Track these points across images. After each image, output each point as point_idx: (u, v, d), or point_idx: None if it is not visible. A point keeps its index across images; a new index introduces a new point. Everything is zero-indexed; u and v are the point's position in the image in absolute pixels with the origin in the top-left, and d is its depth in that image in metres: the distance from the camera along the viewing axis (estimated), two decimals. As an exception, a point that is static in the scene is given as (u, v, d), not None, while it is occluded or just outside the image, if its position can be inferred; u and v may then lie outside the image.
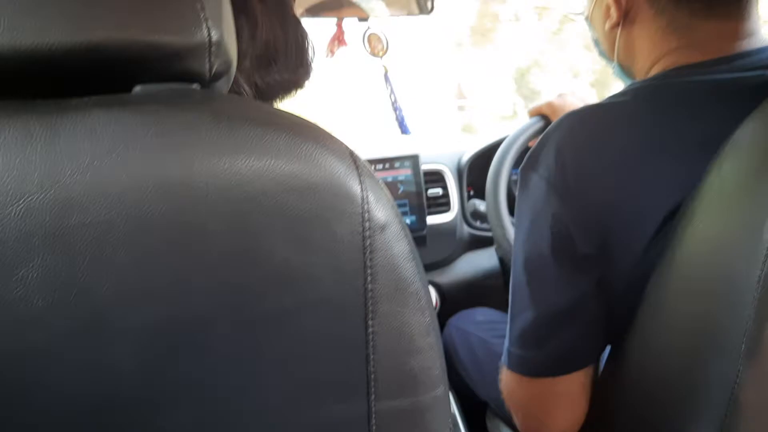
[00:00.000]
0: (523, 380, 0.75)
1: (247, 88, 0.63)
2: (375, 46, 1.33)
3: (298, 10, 1.20)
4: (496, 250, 1.55)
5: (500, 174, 1.24)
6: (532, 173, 0.72)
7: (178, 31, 0.40)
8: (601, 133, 0.69)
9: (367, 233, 0.42)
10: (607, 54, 0.83)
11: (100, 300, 0.37)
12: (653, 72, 0.76)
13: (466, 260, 1.58)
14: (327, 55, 1.30)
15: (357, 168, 0.42)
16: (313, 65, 0.76)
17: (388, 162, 1.50)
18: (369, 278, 0.42)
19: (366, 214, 0.42)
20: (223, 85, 0.47)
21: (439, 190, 1.54)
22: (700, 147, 0.62)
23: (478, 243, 1.57)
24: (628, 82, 0.82)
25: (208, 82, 0.44)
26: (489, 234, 1.51)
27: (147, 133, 0.38)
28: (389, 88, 1.37)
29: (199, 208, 0.38)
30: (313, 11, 1.24)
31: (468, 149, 1.60)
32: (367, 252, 0.42)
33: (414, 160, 1.51)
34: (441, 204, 1.54)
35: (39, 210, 0.36)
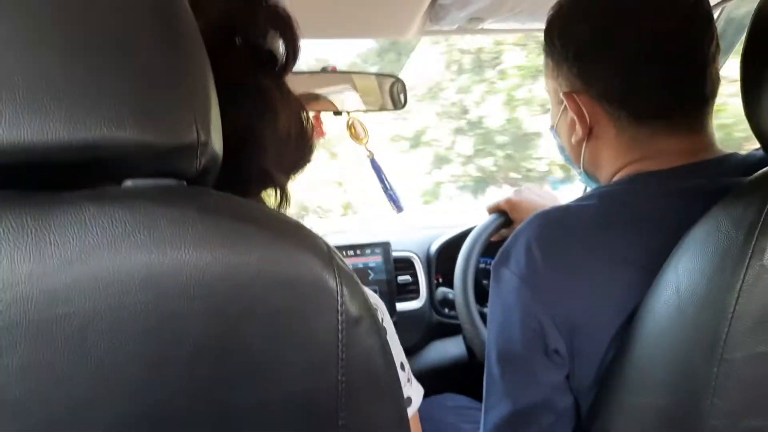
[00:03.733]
0: None
1: (274, 174, 0.65)
2: (358, 134, 1.39)
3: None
4: (464, 338, 1.57)
5: (468, 268, 1.28)
6: (504, 269, 0.75)
7: (170, 132, 0.42)
8: (566, 235, 0.73)
9: (342, 326, 0.43)
10: (573, 161, 0.88)
11: (78, 391, 0.38)
12: (617, 177, 0.80)
13: (434, 347, 1.59)
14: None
15: (334, 263, 0.44)
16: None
17: (359, 248, 1.53)
18: (342, 372, 0.43)
19: (341, 308, 0.43)
20: (209, 181, 0.49)
21: (408, 277, 1.57)
22: (660, 253, 0.65)
23: (446, 330, 1.58)
24: (593, 185, 0.87)
25: (195, 178, 0.46)
26: (457, 321, 1.53)
27: (135, 227, 0.40)
28: (377, 170, 1.42)
29: (181, 299, 0.39)
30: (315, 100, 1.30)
31: (437, 238, 1.64)
32: (341, 346, 0.43)
33: (385, 247, 1.54)
34: (410, 291, 1.56)
35: (26, 300, 0.37)
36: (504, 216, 1.29)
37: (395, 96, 1.45)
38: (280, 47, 0.66)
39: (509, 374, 0.74)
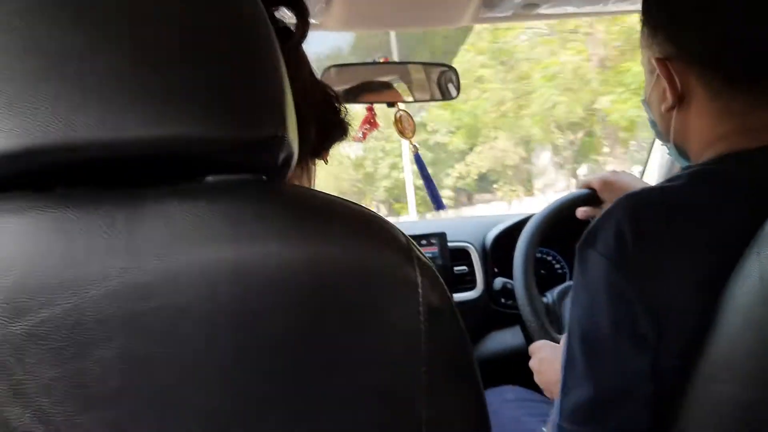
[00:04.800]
0: None
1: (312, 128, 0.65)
2: (405, 127, 1.39)
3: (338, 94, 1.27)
4: (522, 327, 1.55)
5: (529, 248, 1.26)
6: (591, 250, 0.73)
7: (250, 127, 0.43)
8: (657, 216, 0.71)
9: (423, 318, 0.43)
10: (663, 135, 0.86)
11: (170, 380, 0.39)
12: (707, 155, 0.77)
13: (492, 338, 1.58)
14: (359, 138, 1.36)
15: (414, 255, 0.44)
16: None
17: (415, 239, 1.53)
18: (424, 363, 0.43)
19: (422, 300, 0.43)
20: (285, 174, 0.50)
21: (464, 268, 1.56)
22: (745, 238, 0.63)
23: (504, 321, 1.57)
24: (684, 163, 0.85)
25: (274, 172, 0.47)
26: (515, 311, 1.52)
27: (221, 222, 0.41)
28: (421, 166, 1.42)
29: (266, 293, 0.40)
30: (349, 97, 1.30)
31: (492, 227, 1.62)
32: (423, 338, 0.43)
33: (441, 237, 1.54)
34: (466, 281, 1.56)
35: (119, 293, 0.38)
36: (591, 192, 1.26)
37: (447, 86, 1.44)
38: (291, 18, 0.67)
39: (593, 358, 0.73)
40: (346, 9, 1.13)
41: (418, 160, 1.42)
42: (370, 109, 1.37)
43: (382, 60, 1.37)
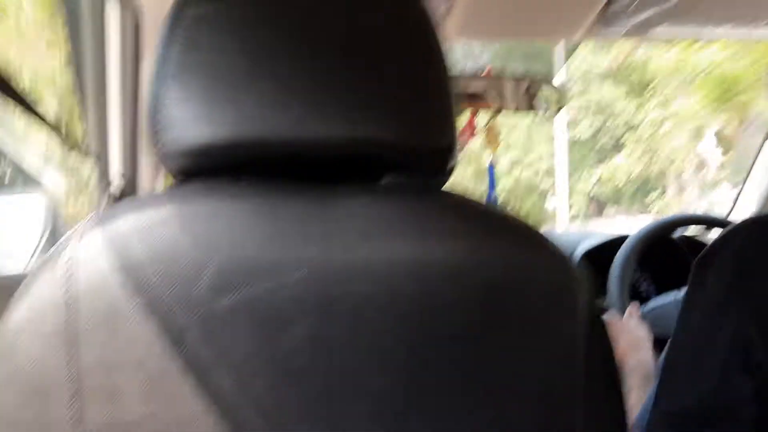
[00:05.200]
0: None
1: None
2: (492, 138, 1.40)
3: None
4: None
5: (627, 267, 1.25)
6: (710, 272, 0.73)
7: (429, 136, 0.47)
8: None
9: (583, 325, 0.46)
10: None
11: (351, 363, 0.42)
12: None
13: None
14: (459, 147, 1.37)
15: (572, 268, 0.47)
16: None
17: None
18: (583, 368, 0.45)
19: (580, 312, 0.46)
20: (448, 180, 0.53)
21: None
22: None
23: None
24: None
25: (444, 177, 0.50)
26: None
27: (401, 220, 0.44)
28: (492, 179, 1.42)
29: (443, 289, 0.43)
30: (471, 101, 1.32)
31: (580, 242, 1.60)
32: (583, 343, 0.45)
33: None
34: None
35: (313, 278, 0.42)
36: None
37: (546, 101, 1.44)
38: None
39: (698, 371, 0.72)
40: (463, 19, 1.14)
41: (491, 173, 1.43)
42: (472, 119, 1.38)
43: (487, 70, 1.38)
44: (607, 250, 1.42)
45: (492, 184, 1.43)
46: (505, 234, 0.47)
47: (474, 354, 0.44)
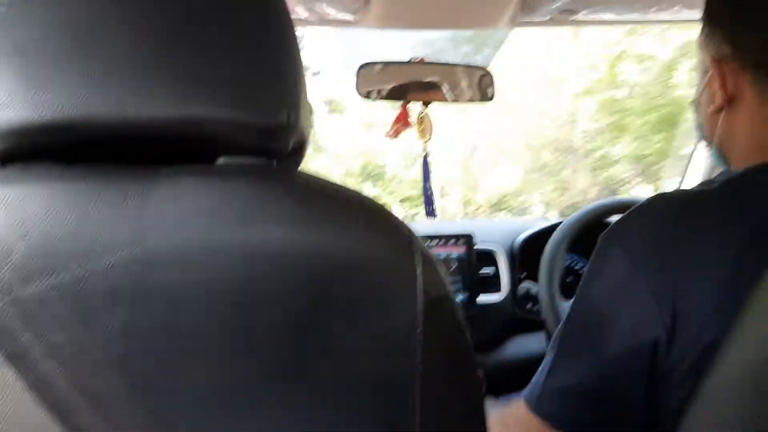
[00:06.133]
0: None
1: None
2: (425, 129, 1.40)
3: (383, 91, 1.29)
4: (547, 333, 1.55)
5: (557, 253, 1.26)
6: (614, 246, 0.73)
7: (263, 112, 0.45)
8: (686, 220, 0.71)
9: (422, 309, 0.44)
10: (707, 137, 0.84)
11: (169, 355, 0.41)
12: (747, 163, 0.76)
13: (514, 343, 1.58)
14: (391, 136, 1.36)
15: (413, 245, 0.45)
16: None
17: (444, 239, 1.53)
18: (421, 355, 0.44)
19: (420, 291, 0.44)
20: (297, 161, 0.51)
21: (490, 271, 1.56)
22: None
23: (528, 326, 1.57)
24: (723, 167, 0.84)
25: (285, 158, 0.49)
26: (539, 317, 1.51)
27: (230, 203, 0.42)
28: (426, 170, 1.42)
29: (269, 276, 0.42)
30: (394, 94, 1.31)
31: (520, 232, 1.62)
32: (421, 329, 0.44)
33: (468, 239, 1.54)
34: (491, 284, 1.55)
35: (126, 265, 0.40)
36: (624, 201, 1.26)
37: (483, 89, 1.44)
38: None
39: (591, 346, 0.72)
40: (383, 7, 1.13)
41: (425, 165, 1.42)
42: (404, 108, 1.38)
43: (419, 60, 1.37)
44: (546, 237, 1.42)
45: (426, 176, 1.42)
46: (345, 217, 0.45)
47: (301, 343, 0.42)
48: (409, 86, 1.38)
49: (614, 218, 1.47)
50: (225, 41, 0.44)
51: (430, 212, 1.38)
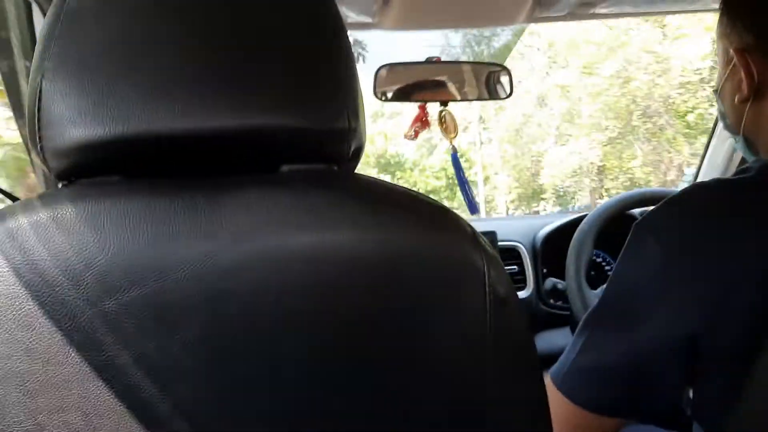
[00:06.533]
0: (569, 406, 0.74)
1: None
2: (448, 127, 1.40)
3: (389, 93, 1.29)
4: (574, 328, 1.54)
5: (585, 243, 1.25)
6: (649, 235, 0.72)
7: (324, 119, 0.46)
8: (725, 209, 0.71)
9: (490, 306, 0.44)
10: (733, 127, 0.84)
11: (247, 361, 0.41)
12: None
13: (541, 339, 1.57)
14: (410, 137, 1.37)
15: (480, 246, 0.46)
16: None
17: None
18: (491, 349, 0.44)
19: (488, 288, 0.45)
20: (355, 165, 0.52)
21: (514, 268, 1.56)
22: None
23: (554, 322, 1.56)
24: (751, 158, 0.83)
25: (344, 162, 0.49)
26: (564, 312, 1.51)
27: (297, 209, 0.43)
28: (458, 167, 1.42)
29: (339, 279, 0.42)
30: (401, 95, 1.31)
31: (542, 227, 1.62)
32: (490, 324, 0.44)
33: (491, 236, 1.53)
34: (516, 281, 1.55)
35: (202, 276, 0.41)
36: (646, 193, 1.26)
37: (501, 85, 1.44)
38: None
39: (626, 330, 0.72)
40: (402, 9, 1.14)
41: (455, 162, 1.42)
42: (422, 108, 1.38)
43: (435, 59, 1.38)
44: (568, 231, 1.42)
45: (459, 170, 1.42)
46: (411, 217, 0.45)
47: (374, 340, 0.43)
48: (425, 86, 1.39)
49: (636, 211, 1.47)
50: (282, 49, 0.45)
51: (472, 210, 1.38)
